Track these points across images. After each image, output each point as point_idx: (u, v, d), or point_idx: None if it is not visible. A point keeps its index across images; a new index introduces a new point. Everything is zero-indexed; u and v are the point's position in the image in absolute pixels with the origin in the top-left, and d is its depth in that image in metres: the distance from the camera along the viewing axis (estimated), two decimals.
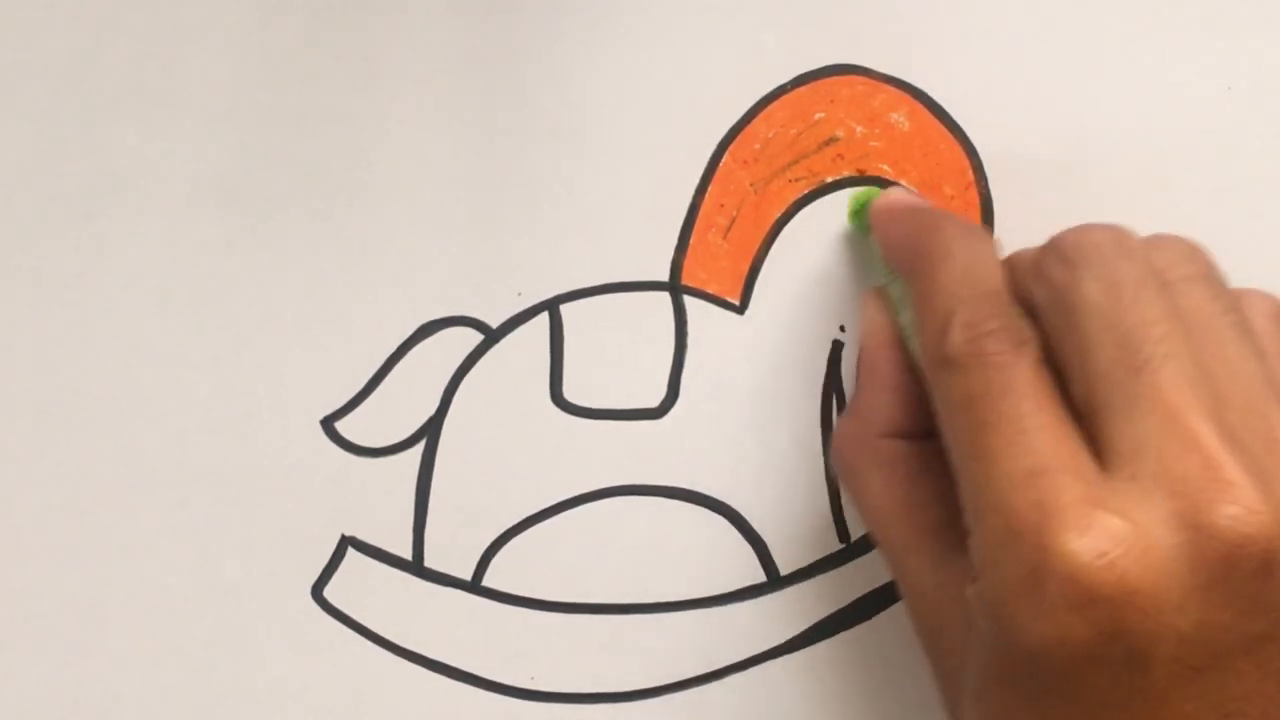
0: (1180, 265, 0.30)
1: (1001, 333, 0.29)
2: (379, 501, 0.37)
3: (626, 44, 0.37)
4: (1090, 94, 0.36)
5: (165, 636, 0.37)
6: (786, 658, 0.37)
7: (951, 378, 0.29)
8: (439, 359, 0.37)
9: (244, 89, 0.37)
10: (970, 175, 0.36)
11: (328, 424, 0.37)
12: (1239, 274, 0.32)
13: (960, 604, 0.29)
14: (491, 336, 0.37)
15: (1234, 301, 0.30)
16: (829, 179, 0.37)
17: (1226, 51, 0.36)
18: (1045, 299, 0.29)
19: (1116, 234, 0.30)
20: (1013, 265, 0.31)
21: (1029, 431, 0.27)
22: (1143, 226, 0.36)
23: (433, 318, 0.37)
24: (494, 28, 0.37)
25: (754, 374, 0.37)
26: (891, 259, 0.34)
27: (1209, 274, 0.30)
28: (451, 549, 0.37)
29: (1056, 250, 0.30)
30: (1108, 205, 0.36)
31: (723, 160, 0.37)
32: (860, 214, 0.36)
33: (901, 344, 0.33)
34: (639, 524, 0.37)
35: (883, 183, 0.36)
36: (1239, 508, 0.26)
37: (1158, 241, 0.31)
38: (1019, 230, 0.36)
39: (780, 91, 0.36)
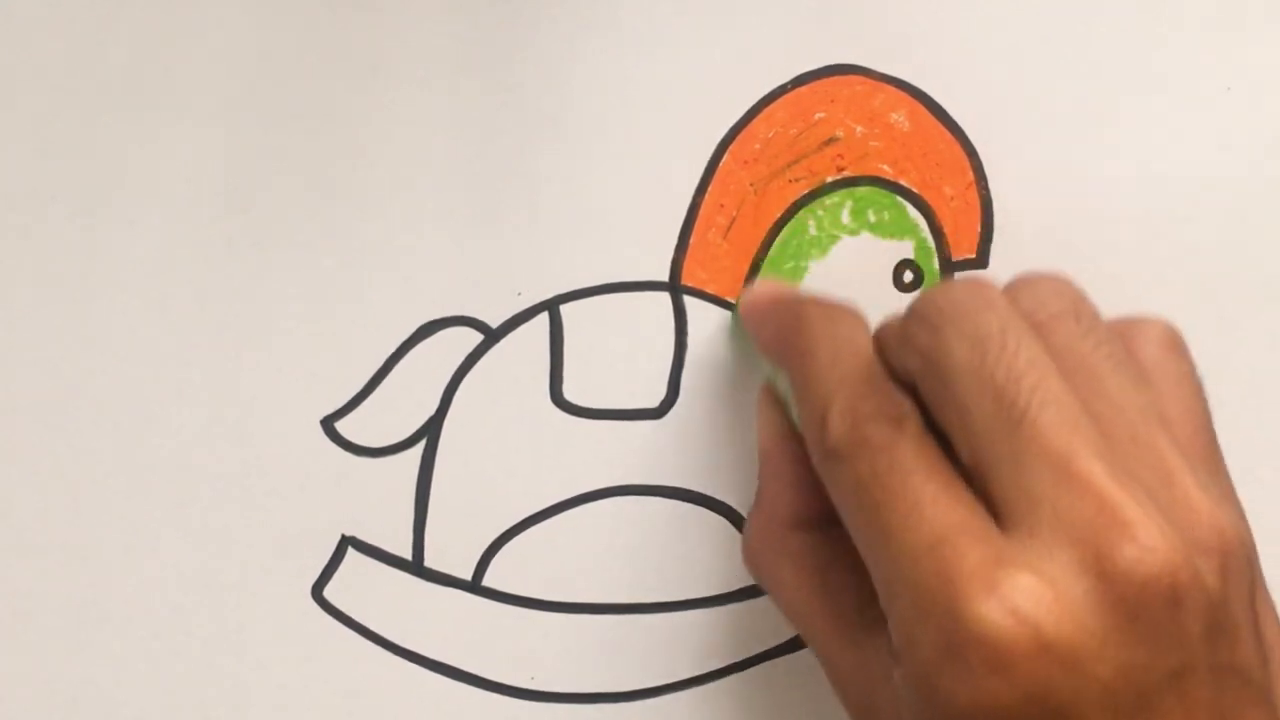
0: (1048, 304, 0.30)
1: (878, 414, 0.28)
2: (379, 501, 0.37)
3: (627, 44, 0.37)
4: (1090, 94, 0.36)
5: (165, 636, 0.37)
6: (786, 658, 0.37)
7: (839, 468, 0.29)
8: (439, 359, 0.37)
9: (244, 89, 0.37)
10: (970, 175, 0.36)
11: (328, 424, 0.37)
12: (1239, 274, 0.32)
13: (887, 685, 0.28)
14: (491, 336, 0.37)
15: (1106, 334, 0.29)
16: (829, 179, 0.37)
17: (1226, 51, 0.36)
18: (917, 367, 0.29)
19: (976, 287, 0.29)
20: (881, 340, 0.31)
21: (923, 504, 0.27)
22: (1143, 226, 0.36)
23: (433, 318, 0.37)
24: (494, 28, 0.37)
25: (754, 374, 0.37)
26: (767, 354, 0.34)
27: (1078, 309, 0.30)
28: (451, 549, 0.37)
29: (919, 315, 0.29)
30: (1107, 205, 0.36)
31: (723, 160, 0.37)
32: (735, 321, 0.36)
33: (795, 436, 0.32)
34: (639, 524, 0.37)
35: (881, 183, 0.36)
36: (1140, 546, 0.25)
37: (1022, 284, 0.30)
38: (1019, 230, 0.36)
39: (780, 91, 0.36)
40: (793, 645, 0.37)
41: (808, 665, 0.37)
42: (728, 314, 0.36)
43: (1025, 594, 0.25)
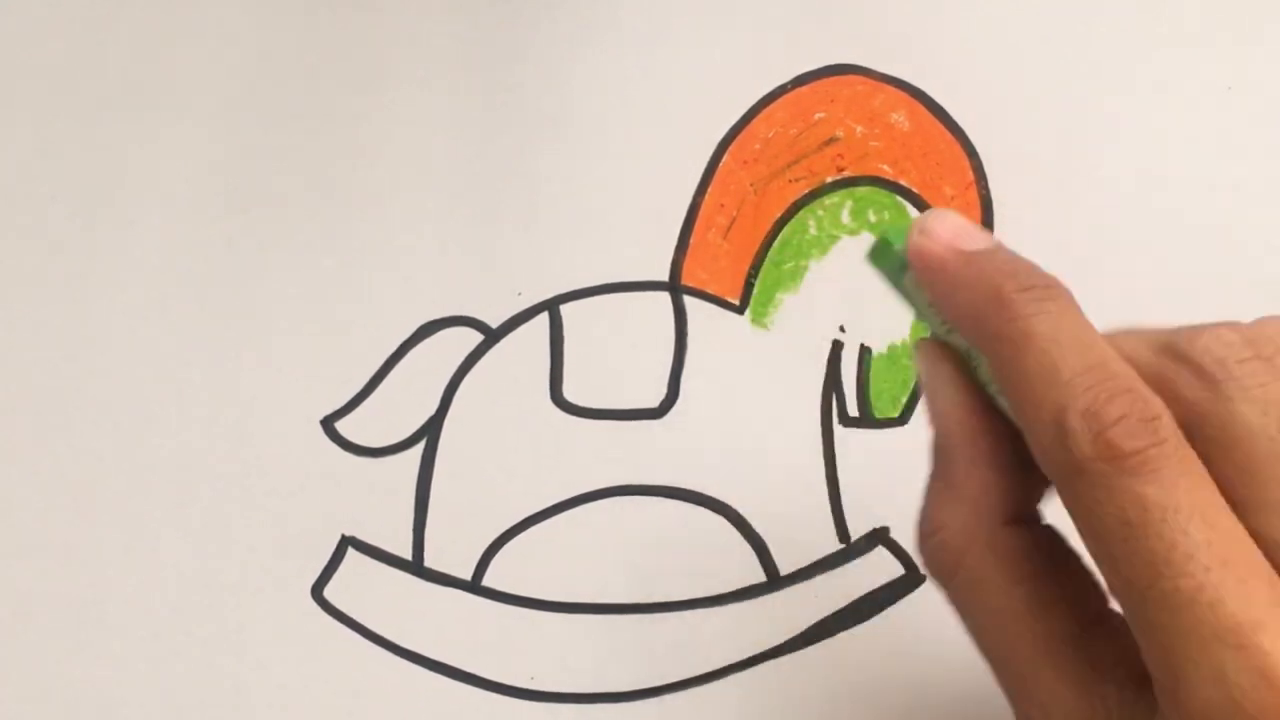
0: None
1: (1133, 417, 0.24)
2: (379, 501, 0.37)
3: (627, 44, 0.37)
4: (1090, 94, 0.36)
5: (165, 636, 0.37)
6: (786, 658, 0.37)
7: (1091, 492, 0.24)
8: (439, 359, 0.37)
9: (244, 89, 0.37)
10: (970, 175, 0.36)
11: (328, 424, 0.37)
12: (1239, 274, 0.32)
13: None
14: (491, 336, 0.37)
15: None
16: (829, 179, 0.37)
17: (1226, 51, 0.36)
18: (1187, 420, 0.25)
19: (1248, 338, 0.26)
20: (1129, 363, 0.26)
21: (1212, 569, 0.23)
22: (1143, 227, 0.36)
23: (433, 318, 0.37)
24: (494, 28, 0.37)
25: (754, 374, 0.37)
26: (952, 319, 0.28)
27: None
28: (451, 549, 0.37)
29: (1187, 360, 0.25)
30: (1107, 205, 0.36)
31: (723, 160, 0.37)
32: (882, 254, 0.28)
33: (991, 407, 0.27)
34: (639, 524, 0.37)
35: (881, 183, 0.37)
36: None
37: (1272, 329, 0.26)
38: (1019, 230, 0.36)
39: (780, 91, 0.36)
40: (793, 645, 0.37)
41: (808, 665, 0.37)
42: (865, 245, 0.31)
43: None
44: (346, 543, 0.37)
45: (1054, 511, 0.27)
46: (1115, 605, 0.25)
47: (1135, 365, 0.26)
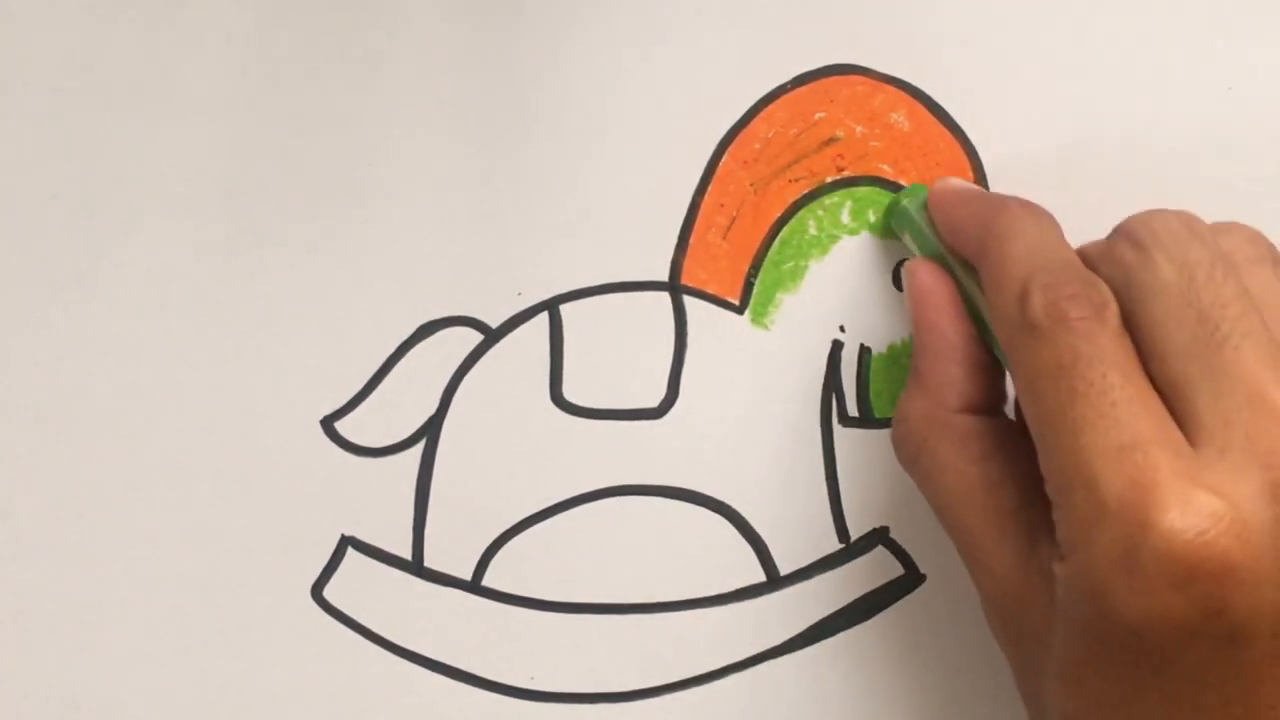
0: (1245, 248, 0.30)
1: (1082, 296, 0.29)
2: (379, 501, 0.37)
3: (626, 44, 0.37)
4: (1090, 94, 0.36)
5: (165, 636, 0.37)
6: (786, 658, 0.37)
7: (1035, 344, 0.29)
8: (439, 359, 0.37)
9: (244, 89, 0.37)
10: (970, 175, 0.36)
11: (328, 424, 0.37)
12: None
13: (1042, 587, 0.29)
14: (491, 336, 0.37)
15: None
16: (829, 179, 0.37)
17: (1226, 51, 0.36)
18: (1118, 281, 0.30)
19: (1185, 218, 0.30)
20: (1081, 255, 0.31)
21: (1119, 404, 0.27)
22: None
23: (433, 318, 0.37)
24: (494, 28, 0.37)
25: (754, 374, 0.37)
26: (955, 238, 0.33)
27: (1274, 257, 0.31)
28: (451, 549, 0.37)
29: (1126, 234, 0.30)
30: (1108, 205, 0.36)
31: (723, 160, 0.37)
32: (896, 209, 0.35)
33: (965, 313, 0.33)
34: (639, 524, 0.37)
35: (881, 183, 0.37)
36: None
37: (1222, 227, 0.31)
38: None
39: (780, 91, 0.36)
40: (793, 645, 0.37)
41: (808, 665, 0.37)
42: (882, 206, 0.36)
43: (1214, 513, 0.26)
44: (346, 543, 0.37)
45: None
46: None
47: (1091, 248, 0.31)
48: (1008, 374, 0.32)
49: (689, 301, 0.37)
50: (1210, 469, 0.26)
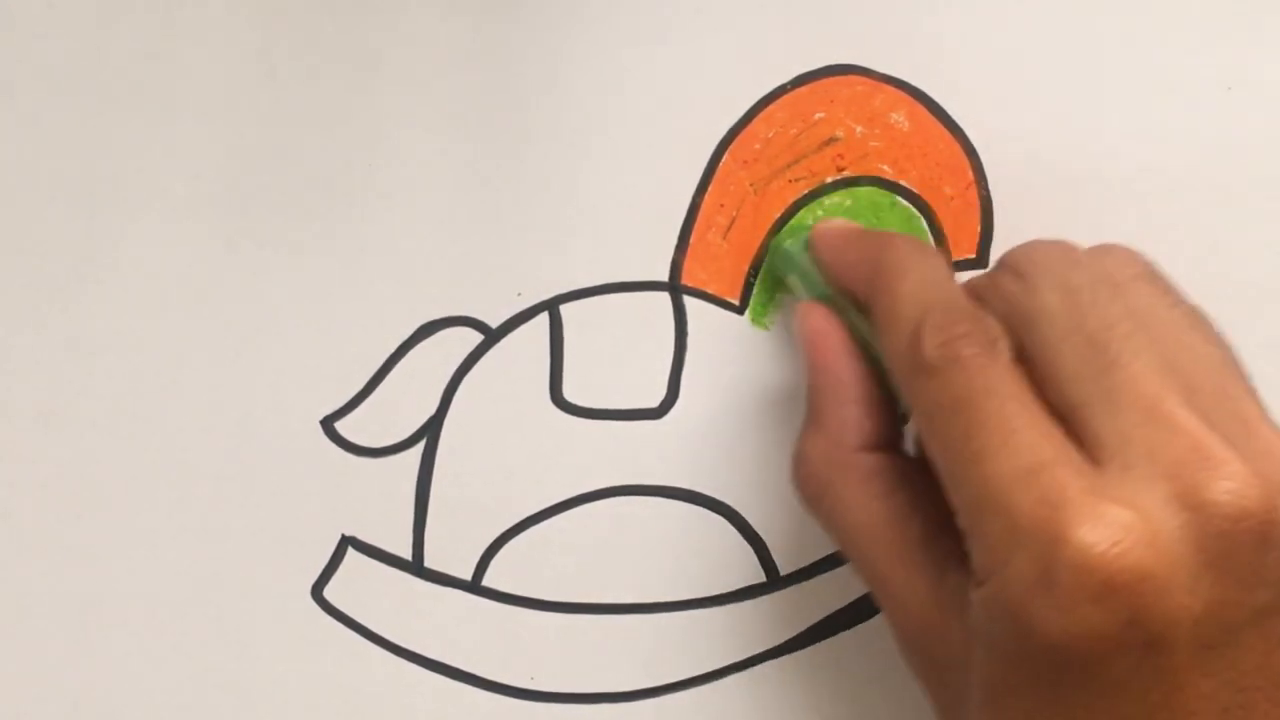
0: (1125, 267, 0.31)
1: (973, 335, 0.29)
2: (379, 501, 0.37)
3: (626, 44, 0.37)
4: (1090, 94, 0.36)
5: (165, 636, 0.37)
6: (786, 658, 0.37)
7: (930, 383, 0.29)
8: (439, 359, 0.37)
9: (244, 89, 0.37)
10: (970, 175, 0.36)
11: (328, 424, 0.37)
12: (1239, 273, 0.32)
13: (955, 616, 0.29)
14: (491, 336, 0.37)
15: (1179, 296, 0.31)
16: (829, 179, 0.37)
17: (1226, 51, 0.36)
18: (1005, 312, 0.30)
19: (1063, 246, 0.31)
20: (967, 289, 0.31)
21: (1019, 430, 0.28)
22: (1143, 226, 0.36)
23: (433, 318, 0.37)
24: (493, 28, 0.37)
25: (754, 374, 0.37)
26: (843, 278, 0.34)
27: (1152, 273, 0.31)
28: (451, 549, 0.37)
29: (1008, 265, 0.31)
30: (1108, 205, 0.36)
31: (723, 160, 0.37)
32: (779, 251, 0.36)
33: (858, 353, 0.33)
34: (639, 524, 0.37)
35: (881, 183, 0.37)
36: (1233, 482, 0.26)
37: (1099, 248, 0.31)
38: (1019, 230, 0.36)
39: (780, 91, 0.36)
40: (793, 645, 0.37)
41: (808, 665, 0.37)
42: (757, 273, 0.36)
43: (1124, 525, 0.26)
44: (346, 543, 0.37)
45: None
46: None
47: (976, 282, 0.31)
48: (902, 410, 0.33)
49: (689, 301, 0.37)
50: (1116, 484, 0.27)
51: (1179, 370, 0.28)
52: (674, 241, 0.37)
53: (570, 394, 0.37)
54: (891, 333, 0.30)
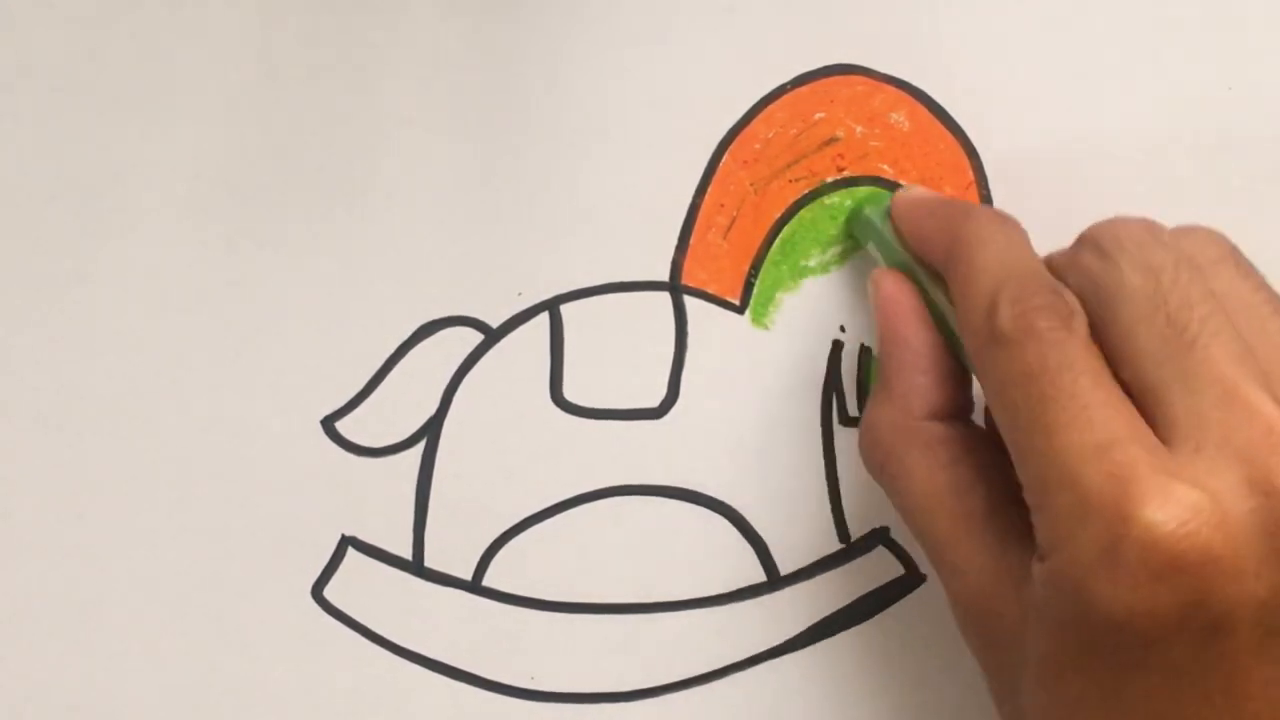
0: (1208, 249, 0.30)
1: (1050, 307, 0.29)
2: (379, 501, 0.37)
3: (626, 44, 0.37)
4: (1090, 94, 0.36)
5: (165, 636, 0.37)
6: (786, 658, 0.37)
7: (1004, 354, 0.29)
8: (439, 359, 0.37)
9: (244, 89, 0.37)
10: (970, 175, 0.36)
11: (328, 424, 0.37)
12: None
13: (1013, 589, 0.29)
14: (491, 336, 0.37)
15: (1262, 280, 0.31)
16: (829, 179, 0.37)
17: (1226, 51, 0.36)
18: (1084, 289, 0.30)
19: (1146, 224, 0.31)
20: (1047, 263, 0.31)
21: (1092, 406, 0.27)
22: None
23: (433, 318, 0.37)
24: (493, 28, 0.37)
25: (754, 374, 0.37)
26: (921, 247, 0.33)
27: (1235, 257, 0.31)
28: (451, 549, 0.37)
29: (1090, 242, 0.31)
30: (1107, 205, 0.36)
31: (723, 160, 0.37)
32: (859, 218, 0.36)
33: (931, 322, 0.33)
34: (639, 524, 0.37)
35: (881, 183, 0.37)
36: None
37: (1184, 230, 0.31)
38: None
39: (780, 91, 0.36)
40: (793, 645, 0.37)
41: (808, 665, 0.37)
42: (843, 212, 0.36)
43: (1194, 506, 0.26)
44: (346, 543, 0.37)
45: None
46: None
47: (1057, 257, 0.31)
48: (975, 381, 0.32)
49: (689, 301, 0.37)
50: (1188, 465, 0.27)
51: (1258, 355, 0.28)
52: (674, 241, 0.37)
53: (570, 394, 0.37)
54: (967, 303, 0.30)
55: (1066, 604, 0.27)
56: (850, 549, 0.37)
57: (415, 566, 0.37)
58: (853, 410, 0.37)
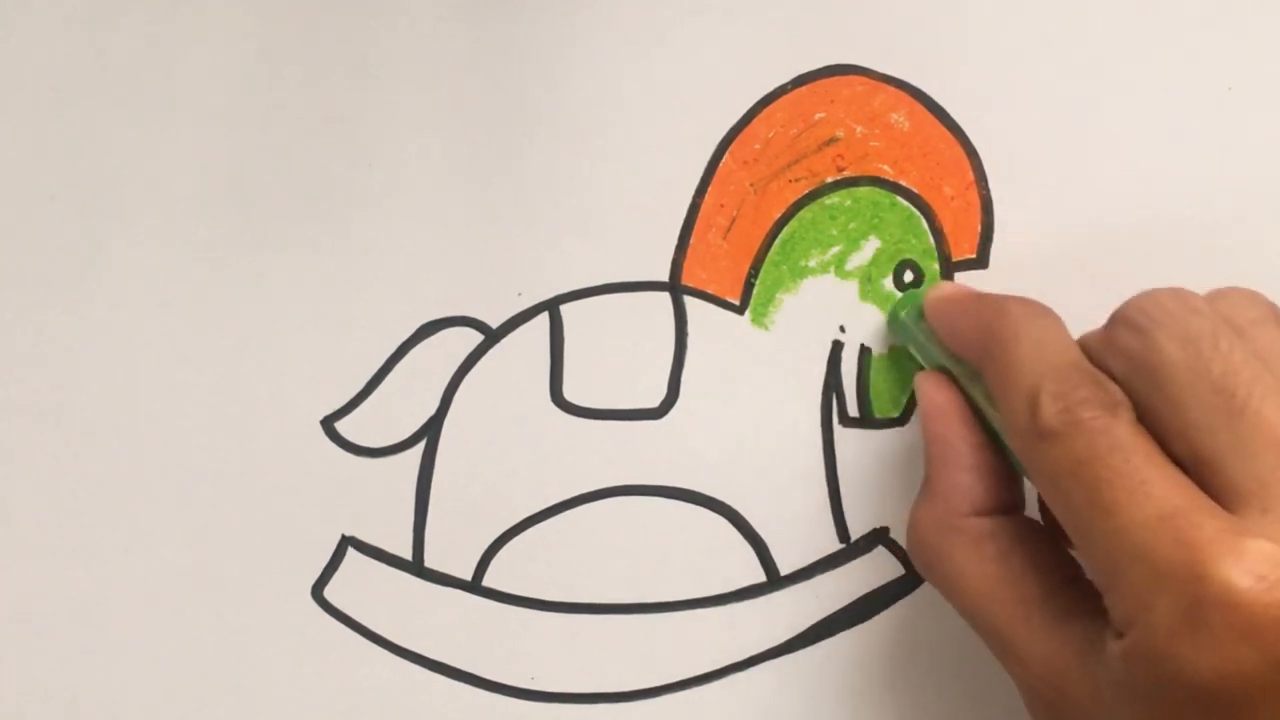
0: (1246, 311, 0.30)
1: (1093, 399, 0.29)
2: (379, 501, 0.37)
3: (626, 44, 0.37)
4: (1090, 94, 0.36)
5: (165, 636, 0.37)
6: (786, 658, 0.37)
7: (1052, 448, 0.29)
8: (439, 359, 0.37)
9: (244, 89, 0.37)
10: (970, 175, 0.36)
11: (328, 424, 0.37)
12: (1238, 274, 0.32)
13: (1081, 669, 0.28)
14: (491, 336, 0.37)
15: None
16: (829, 179, 0.37)
17: (1226, 51, 0.36)
18: (1124, 369, 0.30)
19: (1179, 293, 0.30)
20: (1083, 346, 0.31)
21: (1150, 481, 0.27)
22: (1143, 226, 0.36)
23: (433, 318, 0.37)
24: (494, 28, 0.37)
25: (754, 374, 0.37)
26: (957, 345, 0.33)
27: (1275, 314, 0.31)
28: (451, 549, 0.37)
29: (1124, 320, 0.30)
30: (1107, 205, 0.36)
31: (723, 160, 0.37)
32: (896, 321, 0.36)
33: (973, 421, 0.33)
34: (639, 524, 0.37)
35: (881, 183, 0.37)
36: None
37: (1219, 293, 0.31)
38: (1019, 230, 0.36)
39: (780, 91, 0.37)
40: (793, 645, 0.37)
41: (808, 665, 0.37)
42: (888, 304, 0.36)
43: (1270, 561, 0.25)
44: (346, 543, 0.37)
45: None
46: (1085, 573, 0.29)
47: (1092, 339, 0.31)
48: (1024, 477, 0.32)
49: (689, 301, 0.37)
50: (1256, 525, 0.26)
51: None
52: (674, 241, 0.37)
53: (570, 394, 0.37)
54: (1008, 401, 0.30)
55: (1150, 676, 0.26)
56: (850, 549, 0.37)
57: (415, 566, 0.37)
58: (853, 410, 0.37)
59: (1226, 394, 0.28)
